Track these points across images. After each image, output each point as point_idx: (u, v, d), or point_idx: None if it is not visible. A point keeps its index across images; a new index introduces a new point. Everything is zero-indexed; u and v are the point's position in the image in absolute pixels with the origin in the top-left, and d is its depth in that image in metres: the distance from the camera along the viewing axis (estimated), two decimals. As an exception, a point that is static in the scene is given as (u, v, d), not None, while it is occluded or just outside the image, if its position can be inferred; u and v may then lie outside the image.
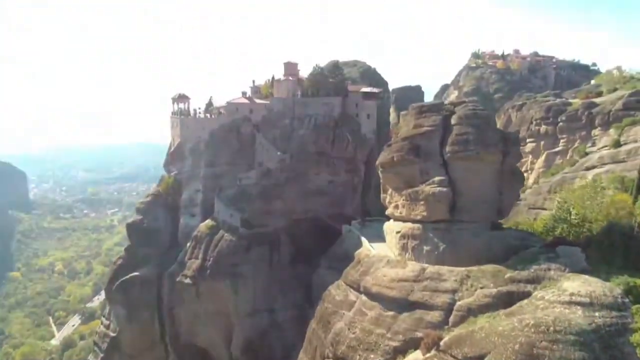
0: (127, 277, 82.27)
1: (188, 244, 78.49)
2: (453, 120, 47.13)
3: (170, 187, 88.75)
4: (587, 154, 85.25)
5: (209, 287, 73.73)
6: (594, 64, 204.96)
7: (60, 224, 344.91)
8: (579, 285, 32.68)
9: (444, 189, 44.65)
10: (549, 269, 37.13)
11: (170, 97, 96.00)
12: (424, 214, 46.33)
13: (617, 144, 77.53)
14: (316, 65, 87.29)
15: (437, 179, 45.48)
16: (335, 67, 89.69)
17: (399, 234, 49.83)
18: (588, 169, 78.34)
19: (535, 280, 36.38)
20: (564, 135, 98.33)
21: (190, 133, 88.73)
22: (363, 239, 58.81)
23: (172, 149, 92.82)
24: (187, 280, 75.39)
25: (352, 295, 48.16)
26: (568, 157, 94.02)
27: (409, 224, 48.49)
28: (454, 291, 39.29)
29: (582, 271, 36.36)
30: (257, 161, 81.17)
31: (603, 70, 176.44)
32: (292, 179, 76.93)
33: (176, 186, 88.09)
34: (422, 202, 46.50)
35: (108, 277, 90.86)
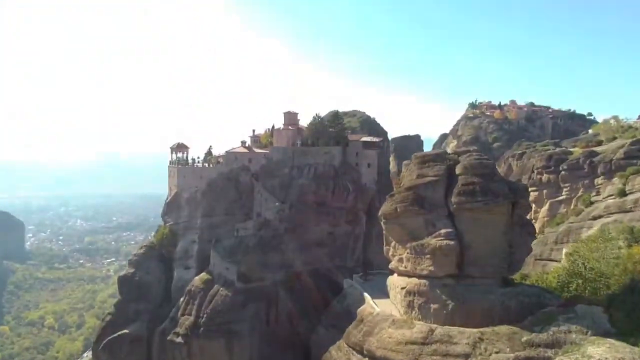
0: (115, 335, 77.44)
1: (181, 299, 74.67)
2: (458, 170, 45.68)
3: (165, 237, 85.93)
4: (592, 203, 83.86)
5: (202, 346, 69.18)
6: (590, 114, 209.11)
7: (54, 274, 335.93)
8: (605, 351, 29.55)
9: (451, 242, 42.41)
10: (570, 332, 34.04)
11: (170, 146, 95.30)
12: (431, 268, 43.77)
13: (622, 193, 76.20)
14: (316, 114, 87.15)
15: (443, 231, 43.45)
16: (335, 116, 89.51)
17: (404, 290, 47.05)
18: (595, 218, 76.86)
19: (555, 345, 33.22)
20: (567, 184, 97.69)
21: (187, 182, 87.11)
22: (366, 295, 55.49)
23: (169, 198, 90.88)
24: (179, 339, 70.82)
25: (355, 359, 44.46)
26: (572, 206, 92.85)
27: (415, 280, 45.82)
28: (467, 356, 35.97)
29: (606, 334, 33.25)
30: (255, 211, 79.16)
31: (599, 119, 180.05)
32: (291, 229, 74.53)
33: (171, 237, 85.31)
34: (428, 256, 44.06)
35: (95, 334, 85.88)
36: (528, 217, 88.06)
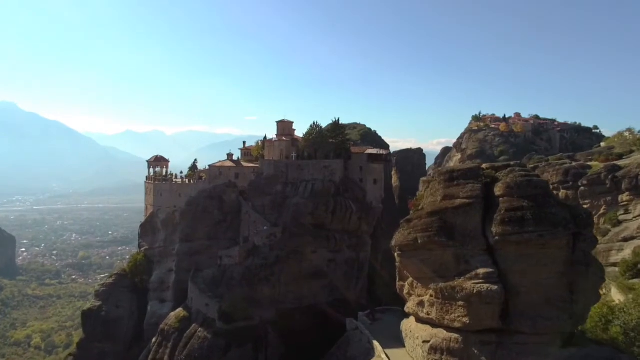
0: (75, 382, 66.20)
1: (153, 340, 63.48)
2: (498, 190, 35.61)
3: (139, 265, 75.05)
4: (620, 222, 76.11)
5: (175, 399, 57.93)
6: (596, 127, 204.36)
7: (45, 290, 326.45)
8: None
9: (494, 287, 32.92)
10: None
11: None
12: (465, 320, 34.26)
13: (658, 212, 67.57)
14: (314, 123, 76.56)
15: (481, 271, 33.95)
16: (336, 126, 78.88)
17: (427, 345, 37.28)
18: (626, 239, 70.07)
19: None
20: (587, 201, 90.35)
21: (164, 201, 76.85)
22: (376, 344, 45.16)
23: (144, 219, 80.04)
24: (148, 390, 59.60)
25: None
26: (595, 225, 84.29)
27: (442, 332, 36.24)
28: None
29: None
30: (242, 235, 69.91)
31: (605, 133, 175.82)
32: (284, 257, 64.45)
33: (146, 264, 74.67)
34: (461, 303, 34.59)
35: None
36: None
